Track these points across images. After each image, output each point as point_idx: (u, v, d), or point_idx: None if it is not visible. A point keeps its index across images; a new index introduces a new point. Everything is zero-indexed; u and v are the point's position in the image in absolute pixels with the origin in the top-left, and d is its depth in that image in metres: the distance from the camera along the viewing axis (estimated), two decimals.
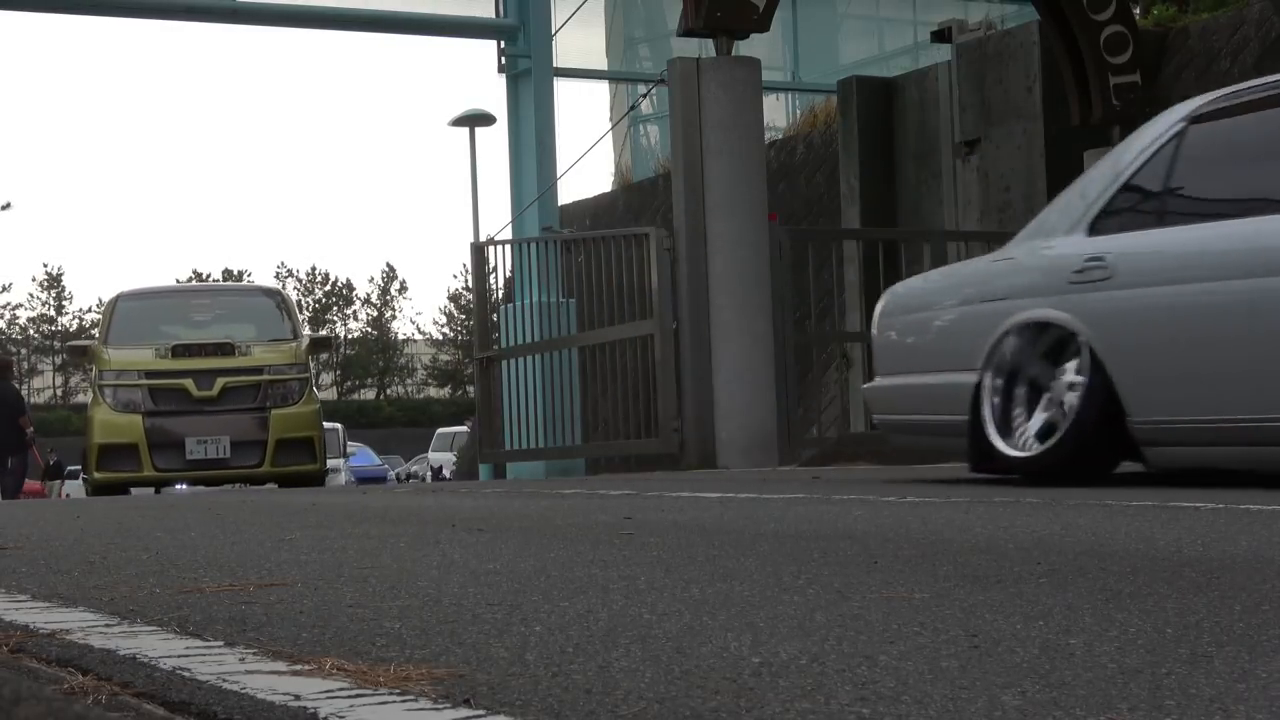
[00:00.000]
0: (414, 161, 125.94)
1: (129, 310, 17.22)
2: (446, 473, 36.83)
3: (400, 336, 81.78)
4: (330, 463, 33.43)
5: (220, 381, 15.73)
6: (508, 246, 16.99)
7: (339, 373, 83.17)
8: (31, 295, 77.64)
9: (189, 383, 15.67)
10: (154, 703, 2.43)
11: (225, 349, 16.04)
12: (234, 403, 15.84)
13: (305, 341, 16.94)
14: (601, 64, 29.44)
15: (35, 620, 3.40)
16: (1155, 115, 8.01)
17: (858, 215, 17.88)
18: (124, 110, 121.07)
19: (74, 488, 33.13)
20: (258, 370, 15.99)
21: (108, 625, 3.29)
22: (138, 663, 2.77)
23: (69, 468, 37.45)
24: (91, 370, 16.95)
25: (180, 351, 15.92)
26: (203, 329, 17.25)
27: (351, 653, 2.82)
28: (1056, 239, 7.91)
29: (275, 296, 18.58)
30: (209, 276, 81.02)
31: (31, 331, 77.30)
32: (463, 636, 2.97)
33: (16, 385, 21.49)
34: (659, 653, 2.71)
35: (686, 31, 13.83)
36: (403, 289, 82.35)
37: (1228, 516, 5.00)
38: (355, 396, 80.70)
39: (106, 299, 18.62)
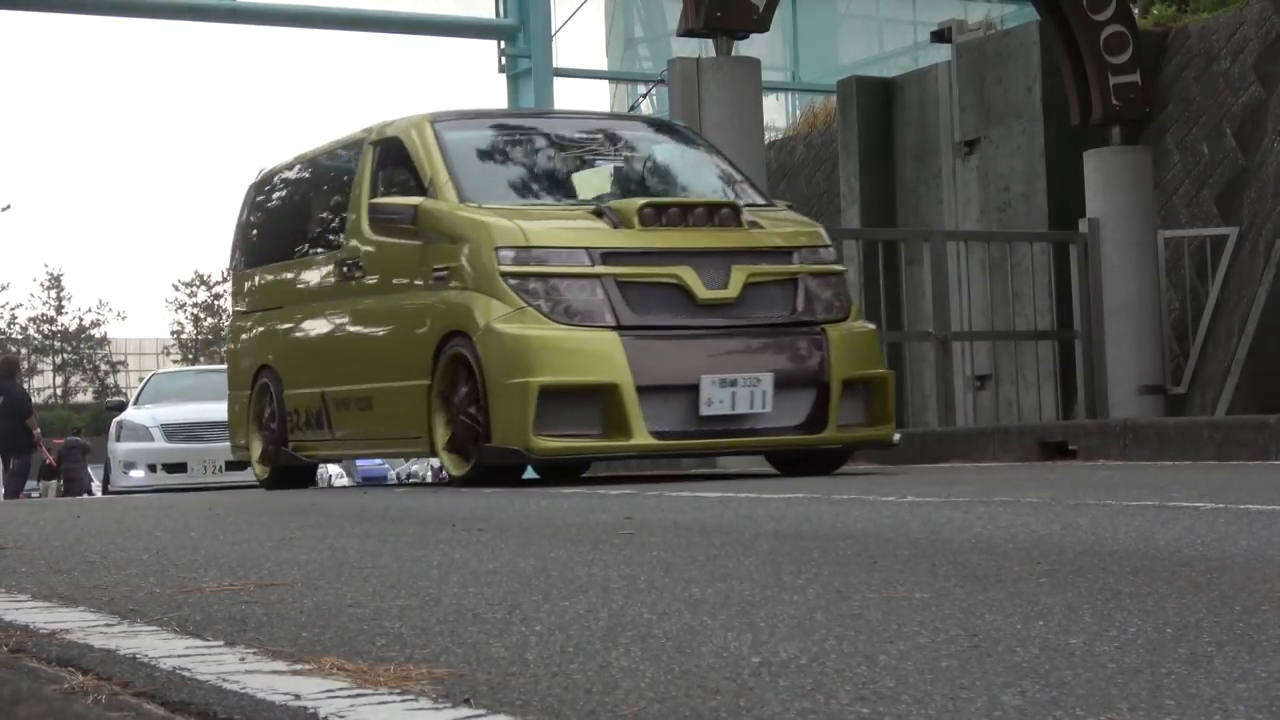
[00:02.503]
0: None
1: (466, 145, 10.04)
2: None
3: None
4: (333, 467, 33.13)
5: (738, 274, 9.07)
6: None
7: None
8: (32, 295, 77.66)
9: (689, 274, 8.97)
10: (154, 702, 2.43)
11: (725, 214, 9.31)
12: (765, 312, 9.19)
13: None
14: (601, 64, 29.46)
15: (35, 620, 3.40)
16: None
17: (858, 215, 17.88)
18: (124, 110, 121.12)
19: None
20: (786, 254, 9.37)
21: (108, 625, 3.29)
22: (138, 662, 2.77)
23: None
24: (421, 248, 9.60)
25: (651, 217, 9.09)
26: (620, 182, 10.35)
27: (351, 652, 2.82)
28: None
29: (691, 137, 11.25)
30: (209, 277, 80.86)
31: (32, 331, 77.29)
32: (463, 636, 2.97)
33: (24, 385, 21.41)
34: (659, 652, 2.71)
35: (686, 31, 13.82)
36: None
37: (1228, 516, 5.00)
38: None
39: (338, 139, 11.31)
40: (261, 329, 11.72)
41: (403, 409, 9.78)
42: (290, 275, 11.43)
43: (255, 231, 12.24)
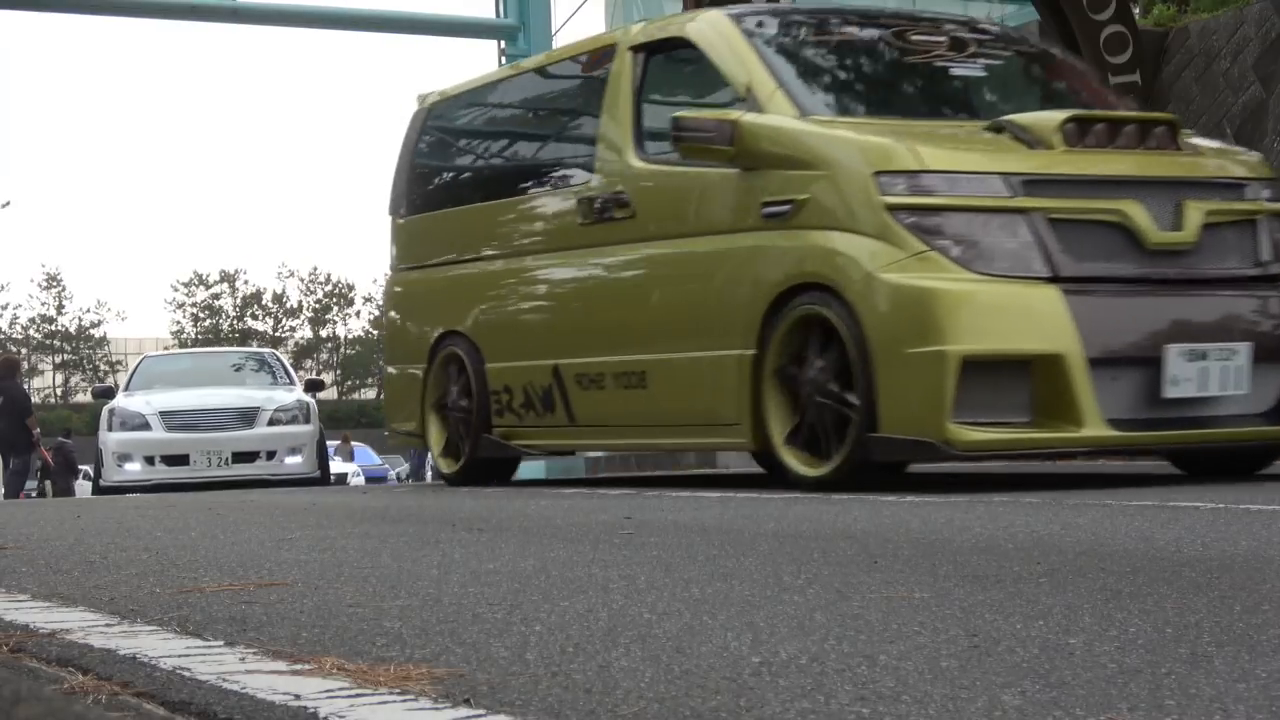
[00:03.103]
0: None
1: (780, 47, 7.96)
2: None
3: None
4: (348, 467, 33.10)
5: (1194, 211, 7.06)
6: None
7: (339, 372, 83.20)
8: (31, 295, 77.83)
9: (1136, 210, 6.90)
10: (154, 702, 2.43)
11: (1161, 134, 7.27)
12: (1226, 262, 7.17)
13: None
14: None
15: (35, 620, 3.40)
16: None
17: None
18: (124, 110, 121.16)
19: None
20: (1238, 187, 7.35)
21: (108, 625, 3.29)
22: (138, 662, 2.77)
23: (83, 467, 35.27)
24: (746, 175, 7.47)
25: (1075, 135, 7.08)
26: (1002, 94, 8.36)
27: (351, 652, 2.82)
28: None
29: (1037, 43, 9.31)
30: (208, 277, 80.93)
31: (32, 331, 77.36)
32: (463, 636, 2.97)
33: (24, 385, 21.36)
34: (659, 652, 2.71)
35: None
36: None
37: (1228, 516, 5.00)
38: (355, 396, 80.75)
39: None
40: (446, 287, 9.57)
41: (705, 387, 7.66)
42: (497, 219, 9.22)
43: (432, 168, 10.07)
